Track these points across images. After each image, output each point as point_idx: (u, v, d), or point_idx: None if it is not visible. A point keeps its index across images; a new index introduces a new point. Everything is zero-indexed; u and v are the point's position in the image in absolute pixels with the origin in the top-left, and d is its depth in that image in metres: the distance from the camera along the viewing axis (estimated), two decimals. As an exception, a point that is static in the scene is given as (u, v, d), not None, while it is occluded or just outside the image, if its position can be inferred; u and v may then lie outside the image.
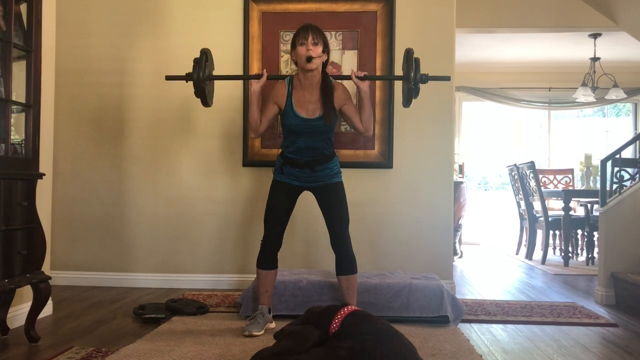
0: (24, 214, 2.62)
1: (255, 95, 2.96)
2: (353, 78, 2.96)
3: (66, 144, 4.20)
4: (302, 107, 2.93)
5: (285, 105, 2.94)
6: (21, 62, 2.72)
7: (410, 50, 2.93)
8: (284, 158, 3.01)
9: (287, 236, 3.21)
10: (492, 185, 9.04)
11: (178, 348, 2.58)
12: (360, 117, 2.98)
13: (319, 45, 2.87)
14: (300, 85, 2.95)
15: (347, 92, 3.02)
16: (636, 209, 3.86)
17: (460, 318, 3.21)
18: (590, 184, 6.28)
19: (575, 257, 6.17)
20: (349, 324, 2.12)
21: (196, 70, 2.91)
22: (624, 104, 8.45)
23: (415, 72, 2.85)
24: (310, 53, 2.84)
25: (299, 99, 2.94)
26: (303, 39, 2.86)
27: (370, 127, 3.02)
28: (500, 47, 7.11)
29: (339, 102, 2.96)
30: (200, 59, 2.93)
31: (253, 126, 2.98)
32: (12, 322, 2.84)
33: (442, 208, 4.07)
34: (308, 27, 2.89)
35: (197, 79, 2.91)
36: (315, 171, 2.97)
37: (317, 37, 2.87)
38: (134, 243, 4.19)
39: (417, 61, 2.87)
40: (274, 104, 2.98)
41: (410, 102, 2.98)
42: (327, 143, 2.99)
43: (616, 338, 2.96)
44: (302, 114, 2.92)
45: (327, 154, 2.99)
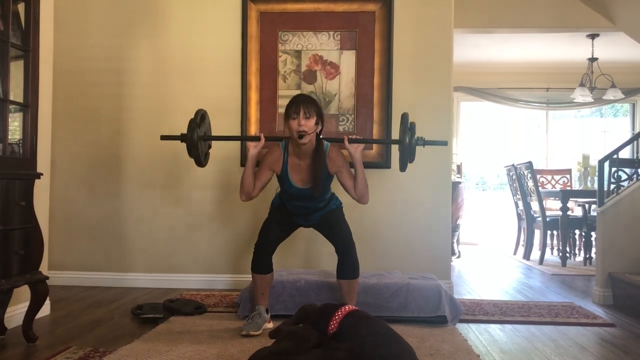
0: (21, 214, 2.62)
1: (252, 159, 2.92)
2: (346, 144, 2.91)
3: (64, 144, 4.19)
4: (296, 176, 2.94)
5: (282, 172, 2.95)
6: (19, 62, 2.71)
7: (406, 114, 2.87)
8: (281, 202, 3.07)
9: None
10: (490, 186, 9.05)
11: (176, 348, 2.58)
12: (355, 184, 2.95)
13: (311, 118, 2.84)
14: (294, 153, 2.95)
15: (341, 156, 2.97)
16: (633, 209, 3.86)
17: (458, 318, 3.22)
18: (588, 184, 6.28)
19: (572, 257, 6.17)
20: (347, 325, 2.11)
21: (191, 131, 2.83)
22: (621, 105, 8.46)
23: (410, 138, 2.80)
24: (301, 129, 2.81)
25: (293, 167, 2.94)
26: (295, 113, 2.83)
27: (364, 195, 2.95)
28: (499, 47, 7.11)
29: (333, 168, 2.95)
30: (194, 120, 2.86)
31: (246, 190, 2.95)
32: (9, 322, 2.84)
33: (440, 208, 4.08)
34: (300, 101, 2.86)
35: (190, 140, 2.83)
36: (308, 218, 3.03)
37: (309, 111, 2.83)
38: (131, 243, 4.18)
39: (413, 125, 2.82)
40: (269, 170, 2.97)
41: (406, 166, 2.92)
42: (322, 202, 3.01)
43: (614, 338, 2.97)
44: (298, 184, 2.93)
45: (322, 207, 3.03)
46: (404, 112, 2.91)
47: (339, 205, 3.10)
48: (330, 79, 4.07)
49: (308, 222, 3.07)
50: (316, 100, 2.95)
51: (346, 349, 1.96)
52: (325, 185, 2.96)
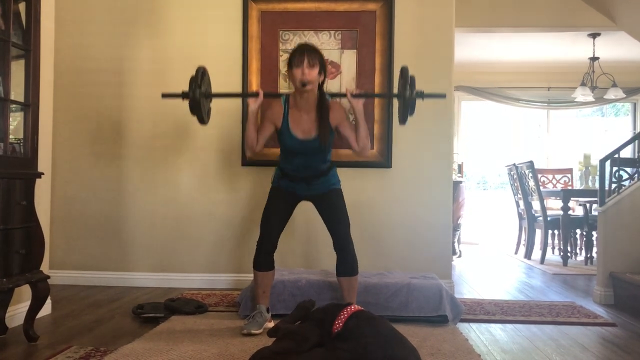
0: (22, 213, 2.62)
1: (252, 114, 2.94)
2: (348, 97, 2.92)
3: (65, 143, 4.19)
4: (298, 127, 2.93)
5: (282, 126, 2.95)
6: (20, 62, 2.71)
7: (405, 67, 2.88)
8: (281, 172, 3.04)
9: (287, 236, 3.21)
10: (491, 185, 9.05)
11: (177, 347, 2.58)
12: (356, 136, 2.96)
13: (314, 67, 2.84)
14: (296, 105, 2.95)
15: (342, 110, 3.00)
16: (635, 208, 3.86)
17: (459, 317, 3.21)
18: (589, 183, 6.28)
19: (574, 256, 6.17)
20: (351, 326, 2.10)
21: (192, 88, 2.84)
22: (622, 104, 8.45)
23: (410, 90, 2.81)
24: (305, 77, 2.82)
25: (295, 119, 2.94)
26: (299, 62, 2.83)
27: (366, 147, 2.99)
28: (500, 46, 7.11)
29: (335, 121, 2.95)
30: (195, 77, 2.87)
31: (250, 145, 2.98)
32: (10, 322, 2.84)
33: (441, 207, 4.07)
34: (304, 50, 2.86)
35: (192, 97, 2.84)
36: (310, 185, 2.99)
37: (313, 60, 2.84)
38: (132, 242, 4.18)
39: (412, 79, 2.83)
40: (270, 123, 2.98)
41: (406, 119, 2.93)
42: (323, 161, 3.00)
43: (615, 337, 2.97)
44: (298, 135, 2.92)
45: (323, 170, 3.01)
46: (404, 66, 2.90)
47: (339, 184, 3.08)
48: (331, 78, 4.07)
49: (310, 189, 3.00)
50: (319, 49, 2.94)
51: (349, 350, 1.95)
52: (329, 139, 2.93)
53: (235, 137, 4.14)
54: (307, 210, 3.51)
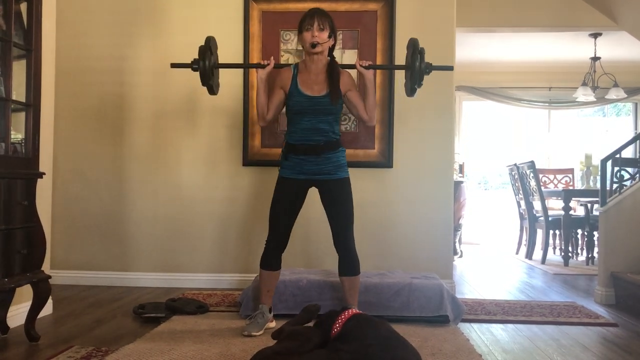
0: (24, 213, 2.62)
1: (261, 82, 2.94)
2: (357, 66, 2.96)
3: (66, 143, 4.20)
4: (307, 86, 2.92)
5: (290, 87, 2.93)
6: (21, 61, 2.72)
7: (415, 40, 2.94)
8: (287, 147, 2.96)
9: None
10: (492, 185, 9.04)
11: (178, 347, 2.58)
12: (365, 105, 2.97)
13: (325, 30, 2.87)
14: (306, 69, 2.95)
15: (352, 79, 3.02)
16: (636, 208, 3.86)
17: (460, 317, 3.21)
18: (590, 183, 6.28)
19: (575, 256, 6.16)
20: (350, 327, 2.10)
21: (202, 58, 2.88)
22: (624, 104, 8.44)
23: (420, 62, 2.86)
24: (315, 39, 2.84)
25: (304, 80, 2.94)
26: (309, 25, 2.86)
27: (374, 116, 3.01)
28: (501, 46, 7.11)
29: (344, 87, 2.95)
30: (205, 47, 2.91)
31: (260, 113, 2.98)
32: (12, 321, 2.84)
33: (442, 207, 4.07)
34: (314, 12, 2.89)
35: (203, 67, 2.88)
36: (319, 156, 2.90)
37: (323, 23, 2.87)
38: (134, 242, 4.19)
39: (422, 51, 2.88)
40: (280, 89, 2.97)
41: (415, 91, 2.98)
42: (332, 126, 2.93)
43: (616, 338, 2.96)
44: (307, 92, 2.90)
45: (332, 139, 2.93)
46: (413, 38, 2.95)
47: (347, 171, 3.01)
48: (332, 78, 4.06)
49: (320, 165, 2.90)
50: (329, 14, 2.94)
51: (351, 351, 1.95)
52: (339, 99, 2.92)
53: (237, 136, 4.14)
54: (308, 210, 3.51)
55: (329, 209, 2.95)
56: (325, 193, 2.95)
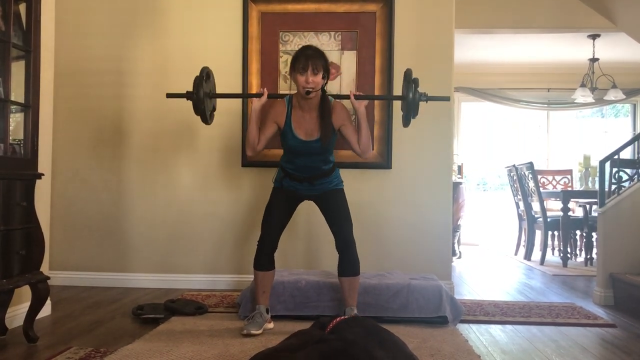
0: (22, 214, 2.62)
1: (255, 113, 2.95)
2: (351, 98, 2.94)
3: (65, 144, 4.20)
4: (300, 128, 2.93)
5: (285, 125, 2.95)
6: (20, 62, 2.72)
7: (409, 70, 2.90)
8: (284, 171, 3.04)
9: (288, 236, 3.21)
10: (490, 186, 9.05)
11: (177, 348, 2.58)
12: (358, 138, 2.96)
13: (319, 73, 2.84)
14: (299, 106, 2.95)
15: (345, 111, 3.00)
16: (635, 209, 3.86)
17: (459, 318, 3.21)
18: (589, 184, 6.28)
19: (573, 257, 6.17)
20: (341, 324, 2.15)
21: (197, 88, 2.87)
22: (622, 105, 8.46)
23: (414, 92, 2.82)
24: (309, 86, 2.82)
25: (297, 119, 2.94)
26: (303, 69, 2.83)
27: (368, 149, 2.99)
28: (500, 47, 7.11)
29: (338, 122, 2.95)
30: (200, 77, 2.90)
31: (251, 144, 2.97)
32: (10, 322, 2.84)
33: (440, 209, 4.08)
34: (309, 57, 2.84)
35: (196, 97, 2.87)
36: (314, 185, 3.00)
37: (317, 66, 2.83)
38: (132, 243, 4.19)
39: (416, 81, 2.83)
40: (273, 123, 2.98)
41: (409, 122, 2.96)
42: (325, 162, 3.00)
43: (614, 339, 2.97)
44: (301, 136, 2.93)
45: (326, 170, 3.01)
46: (408, 69, 2.92)
47: (341, 184, 3.08)
48: (332, 79, 4.06)
49: (312, 189, 3.00)
50: (323, 53, 2.93)
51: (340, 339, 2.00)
52: (331, 140, 2.94)
53: (236, 137, 4.14)
54: (308, 210, 3.52)
55: (328, 217, 3.03)
56: (322, 203, 3.05)
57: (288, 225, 3.07)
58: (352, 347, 1.92)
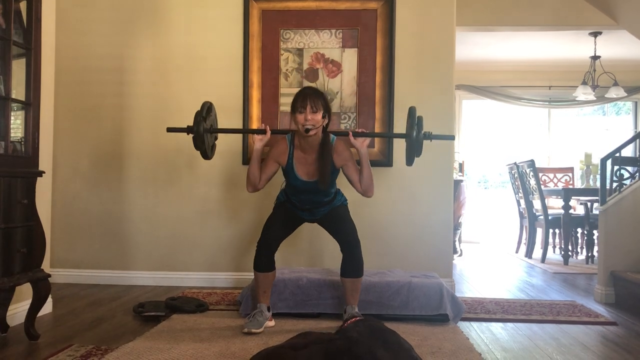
0: (23, 212, 2.62)
1: (257, 153, 2.93)
2: (351, 138, 2.91)
3: (66, 142, 4.20)
4: (302, 169, 2.93)
5: (287, 165, 2.95)
6: (21, 60, 2.71)
7: (413, 108, 2.87)
8: (286, 197, 3.06)
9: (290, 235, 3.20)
10: (492, 184, 9.04)
11: (177, 346, 2.58)
12: (360, 178, 2.94)
13: (318, 112, 2.82)
14: (300, 146, 2.94)
15: (348, 151, 2.96)
16: (636, 207, 3.86)
17: (460, 316, 3.21)
18: (590, 182, 6.27)
19: (575, 255, 6.16)
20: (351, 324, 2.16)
21: (197, 122, 2.84)
22: (624, 103, 8.44)
23: (418, 132, 2.79)
24: (308, 124, 2.80)
25: (299, 160, 2.94)
26: (302, 107, 2.81)
27: (369, 189, 2.95)
28: (501, 45, 7.10)
29: (339, 162, 2.93)
30: (200, 112, 2.88)
31: (252, 183, 2.96)
32: (11, 320, 2.84)
33: (442, 206, 4.07)
34: (307, 95, 2.83)
35: (197, 131, 2.84)
36: (314, 212, 3.03)
37: (316, 105, 2.81)
38: (133, 241, 4.19)
39: (420, 120, 2.81)
40: (274, 162, 2.97)
41: (413, 160, 2.93)
42: (327, 196, 3.00)
43: (615, 336, 2.97)
44: (303, 177, 2.93)
45: (327, 201, 3.02)
46: (412, 107, 2.90)
47: (344, 202, 3.11)
48: (332, 77, 4.07)
49: (313, 216, 3.06)
50: (323, 93, 2.92)
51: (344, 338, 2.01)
52: (331, 179, 2.94)
53: (237, 136, 4.13)
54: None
55: (331, 231, 3.05)
56: (324, 222, 3.08)
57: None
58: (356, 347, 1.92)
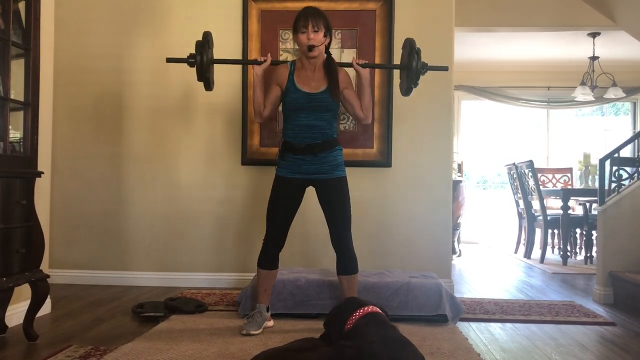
0: (22, 213, 2.62)
1: (257, 78, 2.92)
2: (354, 64, 2.95)
3: (64, 142, 4.19)
4: (305, 83, 2.91)
5: (287, 83, 2.92)
6: (19, 60, 2.71)
7: (411, 39, 2.93)
8: (284, 145, 2.95)
9: (287, 235, 3.19)
10: (490, 184, 9.05)
11: (176, 346, 2.58)
12: (361, 103, 2.97)
13: (320, 31, 2.85)
14: (303, 67, 2.94)
15: (348, 77, 3.01)
16: (634, 207, 3.86)
17: (459, 317, 3.21)
18: (589, 183, 6.28)
19: (573, 256, 6.17)
20: (361, 325, 2.08)
21: (199, 52, 2.86)
22: (622, 103, 8.45)
23: (416, 61, 2.86)
24: (311, 42, 2.82)
25: (301, 77, 2.93)
26: (303, 27, 2.84)
27: (369, 114, 3.00)
28: (499, 46, 7.11)
29: (342, 84, 2.95)
30: (203, 42, 2.90)
31: (257, 109, 2.96)
32: (10, 321, 2.84)
33: (440, 207, 4.08)
34: (308, 13, 2.86)
35: (200, 62, 2.85)
36: (316, 156, 2.89)
37: (317, 24, 2.84)
38: (132, 241, 4.19)
39: (418, 51, 2.88)
40: (276, 85, 2.96)
41: (411, 90, 2.98)
42: (329, 123, 2.92)
43: (614, 337, 2.97)
44: (305, 89, 2.89)
45: (329, 137, 2.92)
46: (409, 37, 2.94)
47: (345, 170, 3.00)
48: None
49: (316, 165, 2.89)
50: (323, 12, 2.92)
51: (355, 347, 1.94)
52: (338, 95, 2.91)
53: (235, 135, 4.14)
54: (306, 210, 3.51)
55: (326, 210, 2.94)
56: (322, 193, 2.95)
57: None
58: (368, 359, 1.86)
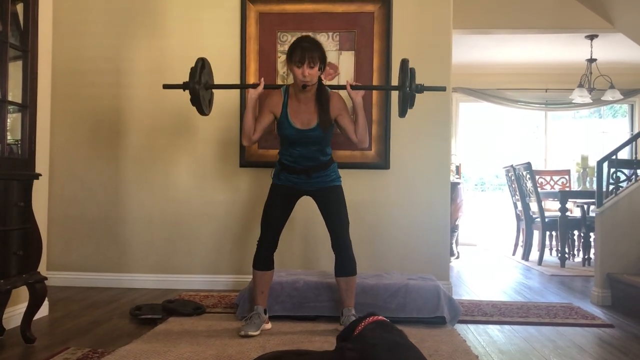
0: (20, 215, 2.62)
1: (251, 102, 2.95)
2: (348, 89, 2.95)
3: (62, 145, 4.19)
4: (297, 117, 2.93)
5: (281, 115, 2.94)
6: (17, 63, 2.71)
7: (406, 60, 2.90)
8: (281, 165, 3.03)
9: (285, 236, 3.20)
10: (488, 186, 9.05)
11: (174, 349, 2.58)
12: (355, 128, 2.97)
13: (315, 66, 2.84)
14: (295, 96, 2.96)
15: (342, 101, 3.01)
16: (632, 209, 3.87)
17: (457, 319, 3.21)
18: (587, 185, 6.29)
19: (571, 257, 6.18)
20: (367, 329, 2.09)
21: (192, 78, 2.87)
22: (620, 105, 8.47)
23: (410, 82, 2.83)
24: (306, 80, 2.83)
25: (294, 109, 2.94)
26: (299, 62, 2.83)
27: (365, 139, 3.00)
28: (497, 48, 7.12)
29: (335, 112, 2.95)
30: (196, 67, 2.90)
31: (247, 133, 2.98)
32: (8, 323, 2.83)
33: (438, 209, 4.08)
34: (305, 50, 2.83)
35: (193, 87, 2.87)
36: (311, 178, 2.98)
37: (313, 60, 2.83)
38: (130, 244, 4.18)
39: (413, 71, 2.85)
40: (269, 113, 2.98)
41: (406, 112, 2.96)
42: (322, 153, 2.98)
43: (612, 339, 2.97)
44: (297, 124, 2.92)
45: (323, 162, 2.99)
46: (404, 58, 2.93)
47: (340, 180, 3.06)
48: (329, 79, 4.06)
49: (311, 183, 2.98)
50: (319, 44, 2.92)
51: (356, 349, 1.93)
52: (330, 127, 2.93)
53: (233, 138, 4.14)
54: (305, 211, 3.52)
55: (325, 215, 3.02)
56: (319, 200, 3.03)
57: (286, 226, 3.06)
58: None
